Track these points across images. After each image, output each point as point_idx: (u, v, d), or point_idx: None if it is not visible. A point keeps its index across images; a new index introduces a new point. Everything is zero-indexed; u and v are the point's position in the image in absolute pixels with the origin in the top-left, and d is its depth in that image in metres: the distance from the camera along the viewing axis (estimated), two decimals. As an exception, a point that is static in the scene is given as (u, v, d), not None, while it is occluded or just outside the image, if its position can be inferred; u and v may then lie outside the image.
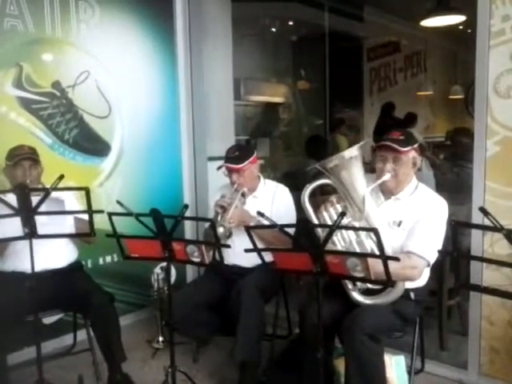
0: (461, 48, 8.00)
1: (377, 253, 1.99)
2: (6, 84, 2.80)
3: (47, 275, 2.47)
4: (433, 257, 2.13)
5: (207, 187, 3.69)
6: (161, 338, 3.09)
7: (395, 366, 2.26)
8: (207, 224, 2.78)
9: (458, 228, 1.50)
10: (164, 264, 3.03)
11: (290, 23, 6.11)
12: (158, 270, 3.10)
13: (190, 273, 3.78)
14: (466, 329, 2.68)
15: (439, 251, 2.01)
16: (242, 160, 2.63)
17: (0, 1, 2.72)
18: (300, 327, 2.33)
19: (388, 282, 1.71)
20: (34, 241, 2.15)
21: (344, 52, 6.69)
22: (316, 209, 2.28)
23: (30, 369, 2.53)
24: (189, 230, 3.68)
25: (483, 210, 1.38)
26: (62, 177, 2.10)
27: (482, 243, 2.39)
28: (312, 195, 2.31)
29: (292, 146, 6.36)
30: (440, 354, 2.83)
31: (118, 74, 3.31)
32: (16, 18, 2.80)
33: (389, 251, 2.05)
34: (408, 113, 6.37)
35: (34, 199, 2.11)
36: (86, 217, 2.29)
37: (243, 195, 2.66)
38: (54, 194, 2.13)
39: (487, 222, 1.42)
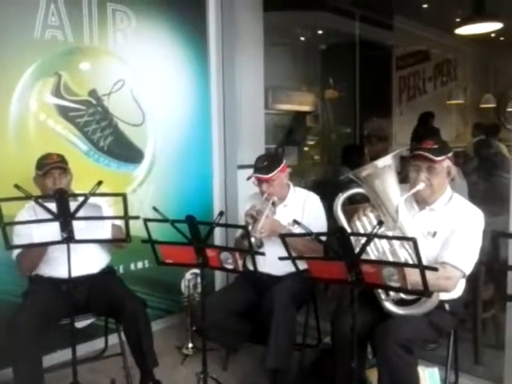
0: (492, 56, 7.87)
1: (411, 262, 1.99)
2: (45, 92, 2.88)
3: (81, 280, 2.51)
4: (468, 268, 2.09)
5: (237, 195, 3.71)
6: (190, 345, 3.11)
7: (429, 378, 2.23)
8: (238, 233, 2.80)
9: (498, 239, 1.47)
10: (195, 270, 3.06)
11: (320, 32, 6.13)
12: (188, 275, 3.13)
13: (219, 280, 3.80)
14: (501, 342, 2.61)
15: (476, 262, 1.97)
16: (271, 170, 2.63)
17: (43, 13, 2.82)
18: (332, 337, 2.32)
19: (425, 293, 1.69)
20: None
21: (373, 60, 6.66)
22: (347, 218, 2.27)
23: (63, 371, 2.58)
24: (219, 237, 3.70)
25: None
26: (100, 183, 2.14)
27: (520, 255, 2.34)
28: (342, 204, 2.30)
29: (320, 154, 6.35)
30: (475, 368, 2.76)
31: (152, 83, 3.37)
32: (57, 28, 2.88)
33: (423, 262, 2.02)
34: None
35: (72, 205, 2.15)
36: (120, 223, 2.34)
37: (273, 204, 2.67)
38: (91, 200, 2.17)
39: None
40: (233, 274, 3.03)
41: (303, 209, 2.72)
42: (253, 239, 2.45)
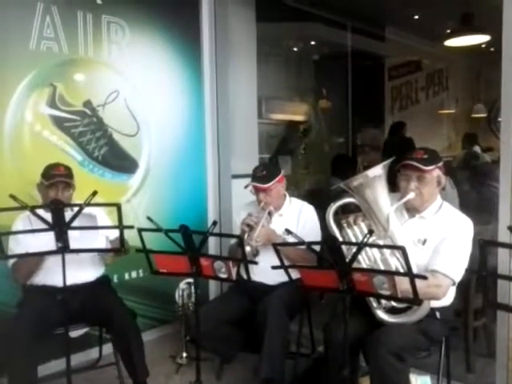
0: (483, 66, 7.98)
1: (402, 271, 2.02)
2: (40, 103, 2.91)
3: (75, 289, 2.51)
4: (458, 276, 2.13)
5: (231, 204, 3.74)
6: (184, 354, 3.11)
7: (421, 386, 2.25)
8: (232, 240, 2.82)
9: (486, 247, 1.51)
10: (189, 280, 3.08)
11: (313, 43, 6.21)
12: (182, 285, 3.14)
13: (213, 289, 3.81)
14: (492, 350, 2.64)
15: (467, 270, 2.00)
16: (270, 179, 2.66)
17: (38, 25, 2.85)
18: (325, 345, 2.34)
19: (415, 301, 1.72)
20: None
21: (365, 71, 6.74)
22: (339, 227, 2.30)
23: (57, 381, 2.59)
24: (213, 246, 3.72)
25: (512, 230, 1.39)
26: (95, 193, 2.17)
27: (509, 263, 2.37)
28: (335, 214, 2.33)
29: (314, 164, 6.39)
30: (467, 376, 2.79)
31: (146, 94, 3.40)
32: (52, 40, 2.92)
33: (413, 269, 2.04)
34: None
35: (67, 215, 2.18)
36: (116, 232, 2.36)
37: (270, 214, 2.69)
38: (86, 210, 2.19)
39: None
40: (227, 283, 3.05)
41: (298, 219, 2.75)
42: (249, 248, 2.48)
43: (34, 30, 2.84)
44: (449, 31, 5.25)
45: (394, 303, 2.10)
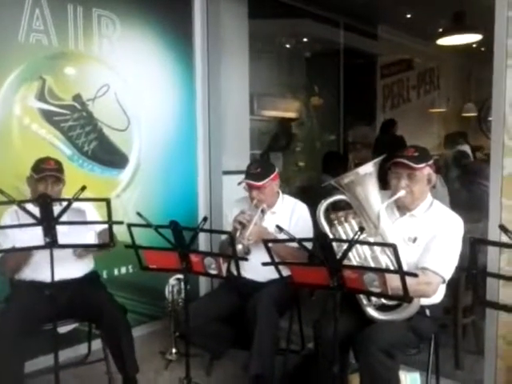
0: (474, 66, 8.03)
1: (392, 268, 2.02)
2: (29, 96, 2.87)
3: (64, 285, 2.48)
4: (448, 273, 2.13)
5: (222, 200, 3.74)
6: (174, 350, 3.10)
7: (410, 383, 2.25)
8: (223, 237, 2.81)
9: (476, 245, 1.51)
10: (179, 276, 3.06)
11: (305, 40, 6.21)
12: (172, 281, 3.13)
13: (203, 285, 3.80)
14: (481, 348, 2.66)
15: (456, 268, 2.01)
16: (264, 177, 2.63)
17: (27, 17, 2.82)
18: (315, 342, 2.34)
19: (405, 298, 1.72)
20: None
21: (357, 69, 6.75)
22: (330, 224, 2.30)
23: (45, 377, 2.56)
24: (203, 242, 3.71)
25: (503, 228, 1.39)
26: (84, 188, 2.14)
27: (499, 261, 2.38)
28: (325, 210, 2.33)
29: (305, 161, 6.40)
30: (455, 373, 2.81)
31: (137, 88, 3.37)
32: (41, 32, 2.88)
33: (404, 267, 2.05)
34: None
35: (56, 210, 2.15)
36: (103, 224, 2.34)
37: (262, 212, 2.67)
38: (75, 205, 2.17)
39: (504, 240, 1.43)
40: (217, 280, 3.04)
41: (291, 217, 2.74)
42: (240, 246, 2.46)
43: (23, 22, 2.80)
44: (441, 30, 5.26)
45: (384, 300, 2.10)
